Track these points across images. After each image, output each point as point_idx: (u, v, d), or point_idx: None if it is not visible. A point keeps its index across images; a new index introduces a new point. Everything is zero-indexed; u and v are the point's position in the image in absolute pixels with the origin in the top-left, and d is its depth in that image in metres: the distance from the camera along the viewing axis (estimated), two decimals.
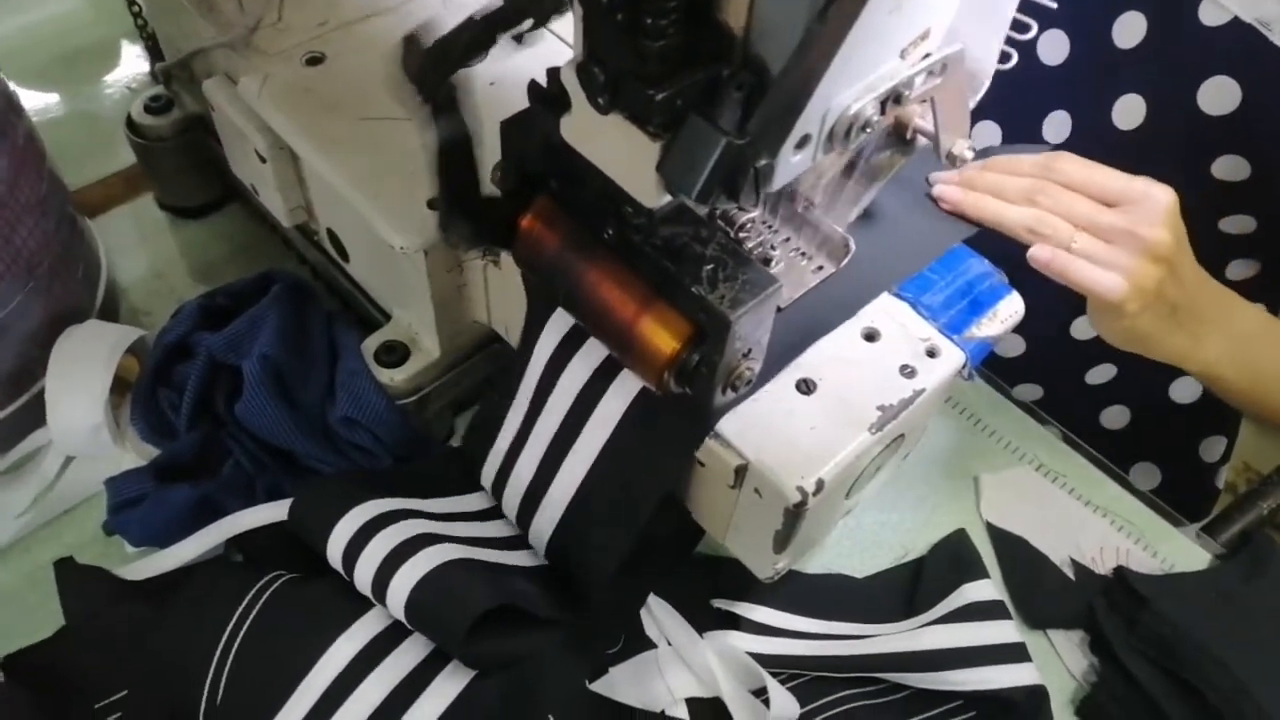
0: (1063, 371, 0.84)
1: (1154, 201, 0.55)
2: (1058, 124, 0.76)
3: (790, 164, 0.40)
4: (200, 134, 0.75)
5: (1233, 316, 0.63)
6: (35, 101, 0.91)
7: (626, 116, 0.37)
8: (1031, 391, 0.87)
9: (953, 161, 0.51)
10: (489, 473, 0.61)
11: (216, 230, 0.81)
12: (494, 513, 0.62)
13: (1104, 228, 0.55)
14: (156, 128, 0.74)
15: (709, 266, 0.42)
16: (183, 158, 0.76)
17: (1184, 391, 0.81)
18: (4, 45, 0.95)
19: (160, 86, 0.75)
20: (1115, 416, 0.85)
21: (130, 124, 0.75)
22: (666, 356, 0.45)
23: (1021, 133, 0.78)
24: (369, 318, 0.69)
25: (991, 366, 0.78)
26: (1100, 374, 0.83)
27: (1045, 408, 0.75)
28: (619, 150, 0.39)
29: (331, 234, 0.66)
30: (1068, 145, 0.63)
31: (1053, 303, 0.66)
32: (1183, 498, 0.73)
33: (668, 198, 0.39)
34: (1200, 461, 0.84)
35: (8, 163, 0.59)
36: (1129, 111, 0.72)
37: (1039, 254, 0.55)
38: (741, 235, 0.52)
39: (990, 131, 0.80)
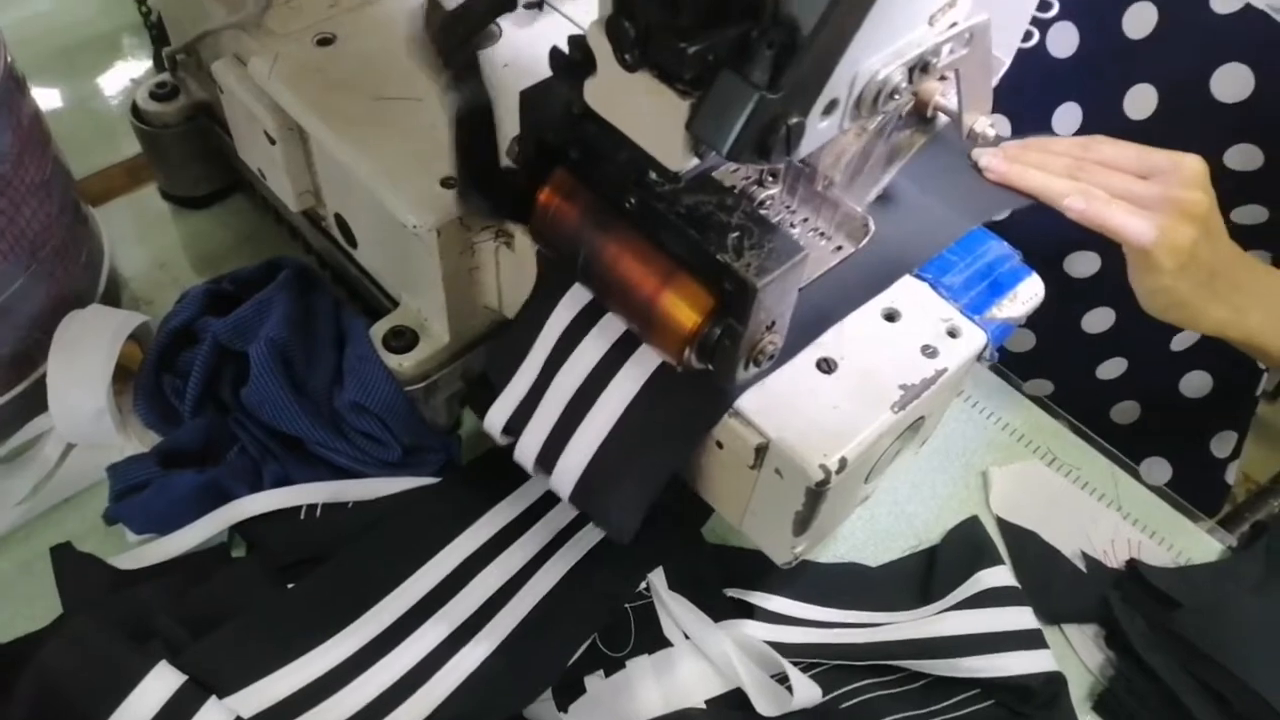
0: (1073, 366, 0.84)
1: (1185, 168, 0.56)
2: (1068, 116, 0.76)
3: (818, 130, 0.40)
4: (205, 121, 0.75)
5: (1270, 284, 0.63)
6: (36, 95, 0.89)
7: (655, 74, 0.36)
8: (1042, 386, 0.86)
9: (974, 139, 0.50)
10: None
11: (220, 220, 0.80)
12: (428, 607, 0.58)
13: (1140, 196, 0.56)
14: (162, 114, 0.74)
15: (734, 234, 0.42)
16: (188, 145, 0.76)
17: (1195, 385, 0.81)
18: (6, 37, 0.94)
19: (165, 74, 0.75)
20: (1126, 411, 0.84)
21: (135, 111, 0.74)
22: (689, 330, 0.45)
23: (1031, 124, 0.77)
24: (377, 306, 0.69)
25: (1002, 360, 0.78)
26: (1111, 368, 0.82)
27: (1055, 402, 0.75)
28: (646, 111, 0.38)
29: (340, 219, 0.65)
30: (1079, 136, 0.63)
31: (1065, 297, 0.65)
32: (1194, 493, 0.72)
33: (694, 161, 0.39)
34: (1211, 456, 0.84)
35: (12, 139, 0.58)
36: (1141, 101, 0.72)
37: (1074, 202, 0.55)
38: (761, 213, 0.51)
39: (999, 125, 0.79)
